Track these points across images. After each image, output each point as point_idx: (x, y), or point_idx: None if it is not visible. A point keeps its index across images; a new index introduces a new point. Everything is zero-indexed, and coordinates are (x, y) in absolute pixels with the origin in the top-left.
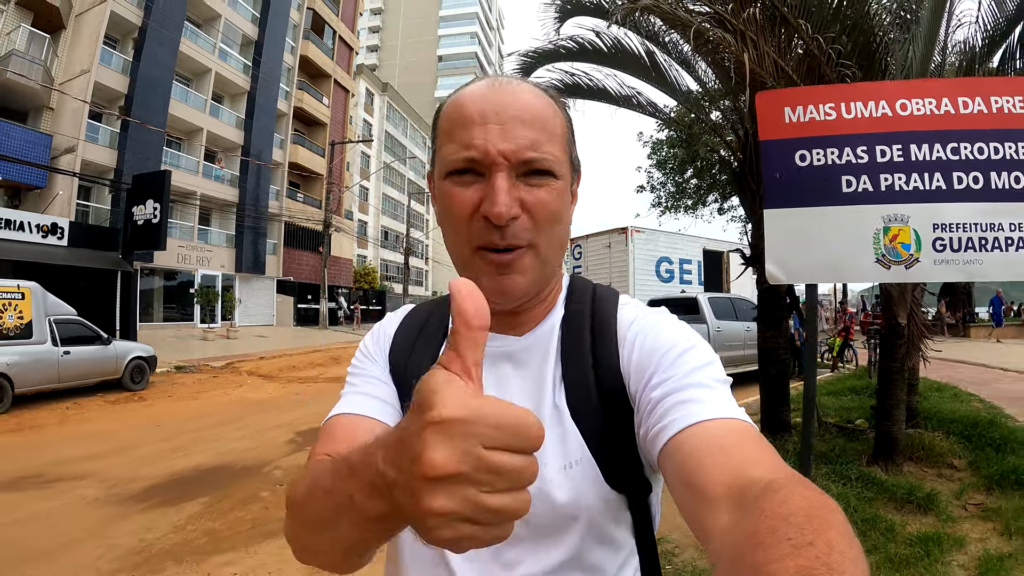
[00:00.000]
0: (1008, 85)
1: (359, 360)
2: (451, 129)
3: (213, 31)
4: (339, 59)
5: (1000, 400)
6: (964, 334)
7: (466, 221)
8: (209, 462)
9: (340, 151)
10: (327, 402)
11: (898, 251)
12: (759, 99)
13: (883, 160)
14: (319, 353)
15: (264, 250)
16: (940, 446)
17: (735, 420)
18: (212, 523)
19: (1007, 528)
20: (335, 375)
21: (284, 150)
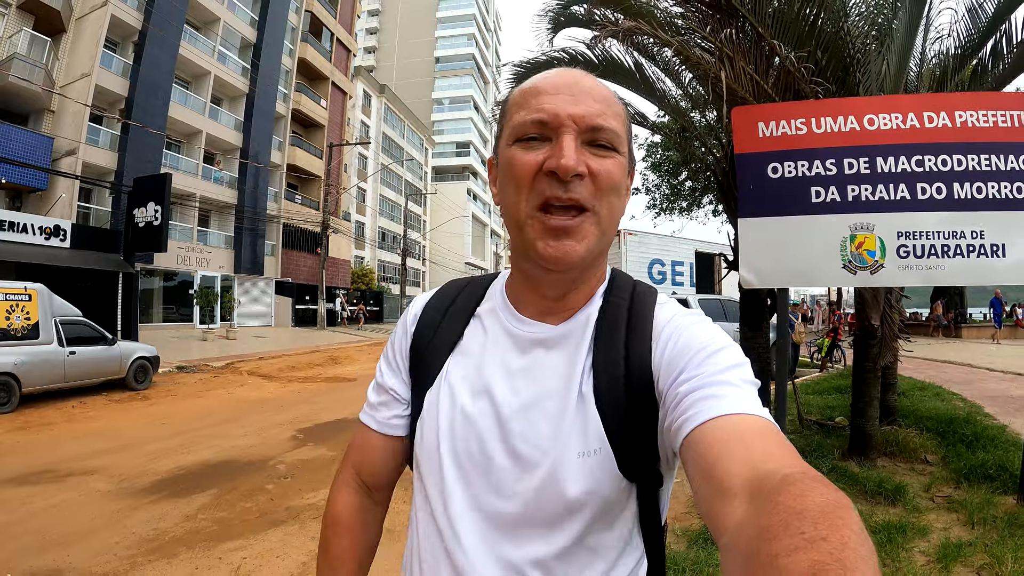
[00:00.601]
0: (972, 100)
1: (387, 350)
2: (522, 101)
3: (212, 34)
4: (337, 61)
5: (982, 399)
6: (956, 335)
7: (529, 180)
8: (215, 457)
9: (338, 153)
10: (325, 402)
11: (864, 257)
12: (735, 114)
13: (851, 172)
14: (318, 353)
15: (262, 251)
16: (913, 442)
17: (757, 417)
18: (221, 513)
19: (970, 519)
20: (334, 375)
21: (282, 152)
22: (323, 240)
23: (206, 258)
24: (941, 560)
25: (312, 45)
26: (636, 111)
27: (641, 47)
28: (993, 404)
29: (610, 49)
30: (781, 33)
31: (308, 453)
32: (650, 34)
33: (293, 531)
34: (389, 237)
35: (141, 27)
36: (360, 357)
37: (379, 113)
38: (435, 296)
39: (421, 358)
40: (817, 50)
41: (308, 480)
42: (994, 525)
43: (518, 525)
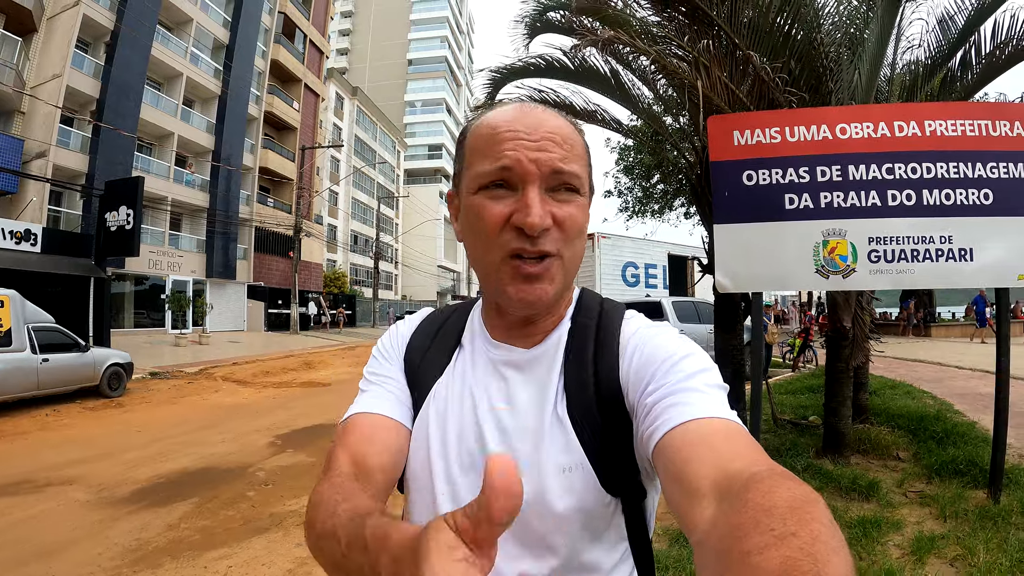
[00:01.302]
0: (941, 110)
1: (375, 360)
2: (482, 147)
3: (185, 35)
4: (310, 63)
5: (951, 396)
6: (926, 333)
7: (496, 232)
8: (194, 465)
9: (310, 155)
10: (301, 407)
11: (836, 262)
12: (710, 123)
13: (823, 179)
14: (292, 358)
15: (235, 255)
16: (886, 439)
17: (723, 419)
18: (204, 521)
19: (942, 512)
20: (309, 380)
21: (254, 155)
22: (295, 244)
23: (178, 262)
24: (915, 553)
25: (285, 47)
26: (611, 117)
27: (618, 55)
28: (962, 401)
29: (587, 57)
30: (756, 43)
31: (287, 459)
32: (629, 43)
33: (277, 538)
34: (361, 240)
35: (113, 27)
36: (334, 362)
37: (351, 115)
38: (425, 321)
39: (414, 378)
40: (791, 60)
41: (289, 487)
42: (966, 518)
43: (507, 543)
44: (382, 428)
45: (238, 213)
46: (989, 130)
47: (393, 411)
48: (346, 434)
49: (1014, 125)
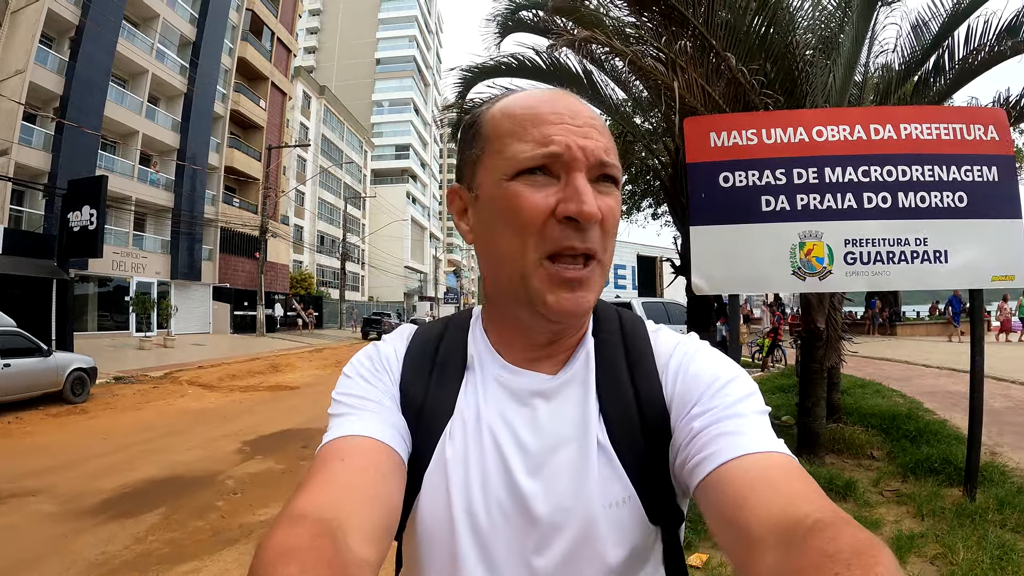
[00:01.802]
0: (917, 113)
1: (352, 381)
2: (517, 129)
3: (151, 31)
4: (277, 61)
5: (920, 395)
6: (891, 332)
7: (538, 226)
8: (160, 474)
9: (277, 155)
10: (269, 412)
11: (812, 264)
12: (687, 124)
13: (800, 182)
14: (258, 361)
15: (200, 256)
16: (860, 438)
17: (778, 454)
18: (172, 533)
19: (919, 511)
20: (276, 383)
21: (220, 154)
22: (262, 244)
23: (142, 263)
24: (895, 552)
25: (252, 44)
26: None
27: (592, 55)
28: (932, 400)
29: (560, 57)
30: (732, 45)
31: (256, 466)
32: (605, 43)
33: (247, 550)
34: (328, 241)
35: (78, 22)
36: (301, 364)
37: (318, 115)
38: (415, 344)
39: (417, 420)
40: (767, 62)
41: (259, 495)
42: (943, 516)
43: None
44: (378, 457)
45: (203, 213)
46: (964, 134)
47: (391, 439)
48: (326, 463)
49: (988, 129)
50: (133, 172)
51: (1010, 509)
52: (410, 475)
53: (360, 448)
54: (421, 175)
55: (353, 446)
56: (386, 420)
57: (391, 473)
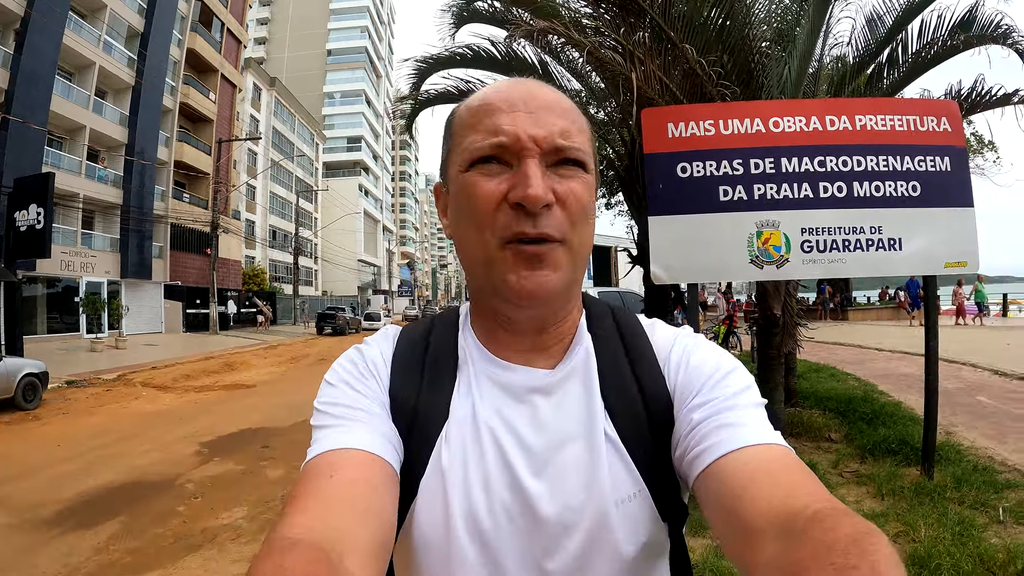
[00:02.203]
0: (872, 105)
1: (336, 389)
2: (473, 121)
3: (98, 22)
4: (227, 53)
5: (874, 378)
6: (843, 317)
7: (492, 212)
8: (118, 480)
9: (227, 149)
10: (225, 412)
11: (770, 252)
12: (645, 115)
13: (757, 172)
14: (212, 360)
15: (150, 254)
16: (818, 422)
17: (776, 446)
18: (134, 542)
19: (879, 491)
20: (232, 382)
21: (169, 148)
22: (213, 240)
23: (91, 263)
24: None
25: (202, 35)
26: None
27: (548, 47)
28: (885, 382)
29: (516, 48)
30: (690, 37)
31: (215, 468)
32: (563, 35)
33: (212, 555)
34: (280, 235)
35: (24, 13)
36: (256, 362)
37: (269, 107)
38: (403, 345)
39: (411, 427)
40: (724, 54)
41: (220, 498)
42: (902, 495)
43: None
44: (369, 470)
45: (153, 209)
46: (917, 125)
47: (382, 450)
48: (313, 480)
49: (941, 120)
50: (81, 168)
51: (967, 486)
52: (405, 482)
53: (349, 461)
54: (373, 167)
55: (342, 459)
56: (375, 430)
57: (383, 486)
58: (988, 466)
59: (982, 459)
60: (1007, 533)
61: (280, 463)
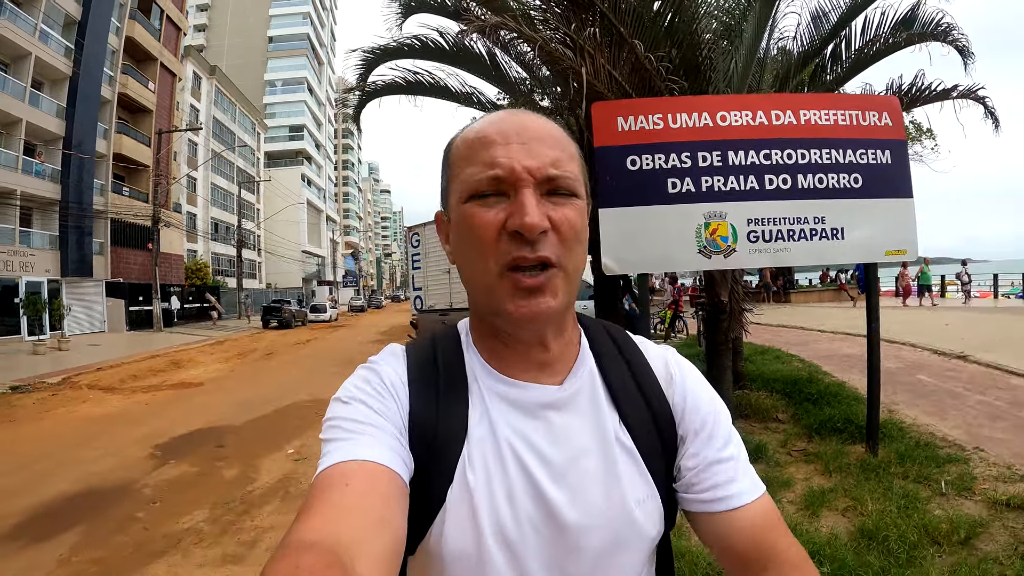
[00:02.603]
0: (816, 100)
1: (348, 406)
2: (470, 154)
3: (34, 10)
4: (166, 40)
5: (817, 359)
6: (786, 300)
7: (492, 242)
8: (73, 488)
9: (167, 140)
10: (176, 412)
11: (717, 243)
12: (595, 109)
13: (704, 164)
14: (158, 358)
15: (91, 251)
16: (765, 403)
17: (765, 498)
18: (97, 551)
19: (826, 468)
20: (179, 381)
21: (108, 140)
22: (154, 235)
23: (30, 262)
24: (809, 507)
25: (141, 23)
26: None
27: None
28: (829, 363)
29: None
30: (639, 32)
31: (171, 471)
32: (516, 29)
33: (177, 561)
34: (223, 228)
35: None
36: (203, 358)
37: (209, 96)
38: (414, 367)
39: (431, 450)
40: (672, 49)
41: (178, 502)
42: (849, 472)
43: None
44: (382, 481)
45: (92, 204)
46: (860, 120)
47: (393, 463)
48: (328, 489)
49: (882, 115)
50: (17, 164)
51: (910, 462)
52: (425, 498)
53: (363, 473)
54: (316, 156)
55: (355, 471)
56: (386, 444)
57: (395, 497)
58: (930, 442)
59: (924, 435)
60: (949, 505)
61: (235, 462)
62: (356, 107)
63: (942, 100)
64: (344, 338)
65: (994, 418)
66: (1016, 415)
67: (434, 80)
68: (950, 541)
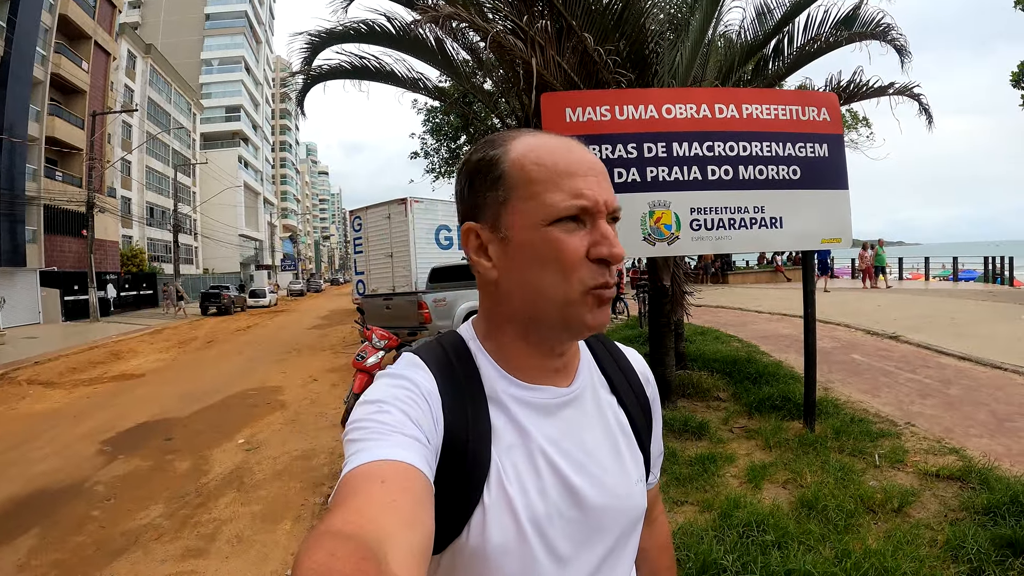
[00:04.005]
0: (758, 95)
1: (386, 412)
2: (552, 179)
3: None
4: (101, 18)
5: (756, 339)
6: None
7: (578, 265)
8: (22, 491)
9: (101, 122)
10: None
11: (661, 231)
12: (544, 100)
13: (650, 155)
14: (97, 349)
15: (23, 239)
16: (707, 383)
17: (656, 482)
18: (55, 554)
19: (767, 443)
20: (120, 372)
21: (41, 123)
22: (89, 220)
23: None
24: (751, 481)
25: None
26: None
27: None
28: (766, 343)
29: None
30: (589, 25)
31: (122, 467)
32: (468, 20)
33: (138, 558)
34: (158, 212)
35: None
36: (142, 348)
37: (144, 76)
38: (439, 377)
39: (463, 445)
40: (620, 41)
41: (133, 497)
42: (788, 447)
43: (608, 558)
44: (414, 482)
45: (24, 191)
46: (799, 115)
47: (422, 465)
48: (363, 485)
49: (821, 111)
50: None
51: (845, 436)
52: (462, 499)
53: (397, 472)
54: (253, 138)
55: (390, 469)
56: (416, 448)
57: (426, 499)
58: (864, 418)
59: (858, 412)
60: (883, 476)
61: (186, 455)
62: (300, 91)
63: (879, 96)
64: (286, 323)
65: (924, 395)
66: (945, 392)
67: (380, 65)
68: (885, 509)
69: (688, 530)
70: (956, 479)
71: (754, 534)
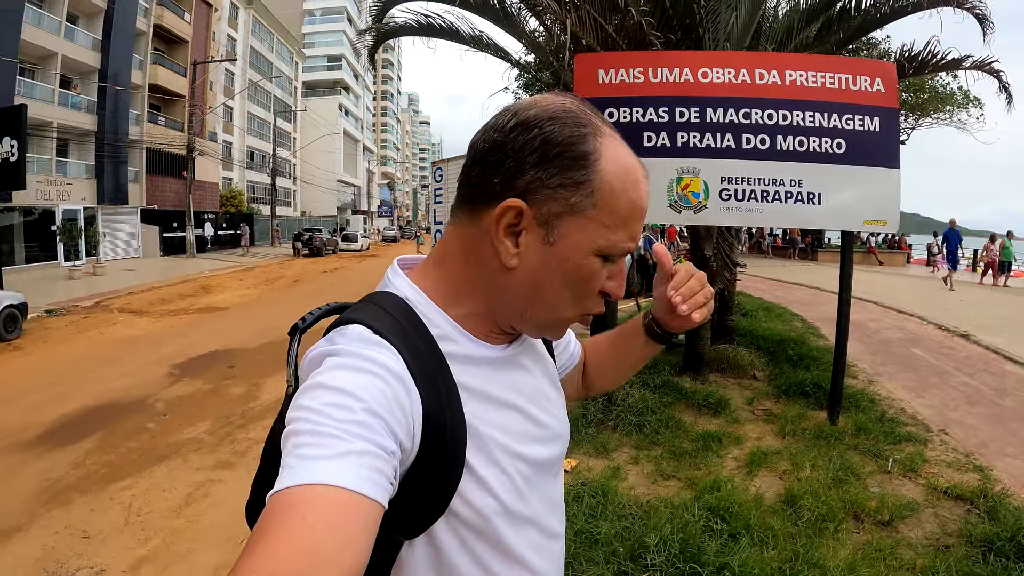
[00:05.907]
0: (802, 61)
1: (348, 409)
2: (626, 218)
3: None
4: None
5: (819, 320)
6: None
7: (594, 296)
8: (95, 402)
9: (203, 70)
10: (198, 335)
11: (688, 198)
12: (577, 61)
13: (681, 120)
14: (188, 283)
15: (126, 179)
16: (743, 359)
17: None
18: (107, 456)
19: (782, 430)
20: (206, 305)
21: (144, 72)
22: (189, 163)
23: (67, 190)
24: (748, 466)
25: None
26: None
27: None
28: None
29: None
30: None
31: (184, 388)
32: None
33: (177, 465)
34: (258, 156)
35: None
36: (231, 283)
37: (247, 26)
38: (404, 351)
39: (442, 428)
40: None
41: (185, 415)
42: (802, 436)
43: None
44: (349, 514)
45: (128, 134)
46: (850, 84)
47: (374, 491)
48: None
49: (875, 81)
50: (53, 96)
51: (865, 434)
52: (443, 479)
53: (327, 504)
54: (354, 86)
55: (319, 501)
56: (365, 464)
57: (363, 534)
58: (895, 417)
59: (893, 410)
60: (889, 483)
61: (242, 382)
62: (371, 48)
63: (951, 70)
64: (371, 268)
65: (973, 402)
66: (996, 402)
67: (445, 24)
68: (873, 519)
69: (654, 505)
70: (966, 500)
71: (715, 521)
